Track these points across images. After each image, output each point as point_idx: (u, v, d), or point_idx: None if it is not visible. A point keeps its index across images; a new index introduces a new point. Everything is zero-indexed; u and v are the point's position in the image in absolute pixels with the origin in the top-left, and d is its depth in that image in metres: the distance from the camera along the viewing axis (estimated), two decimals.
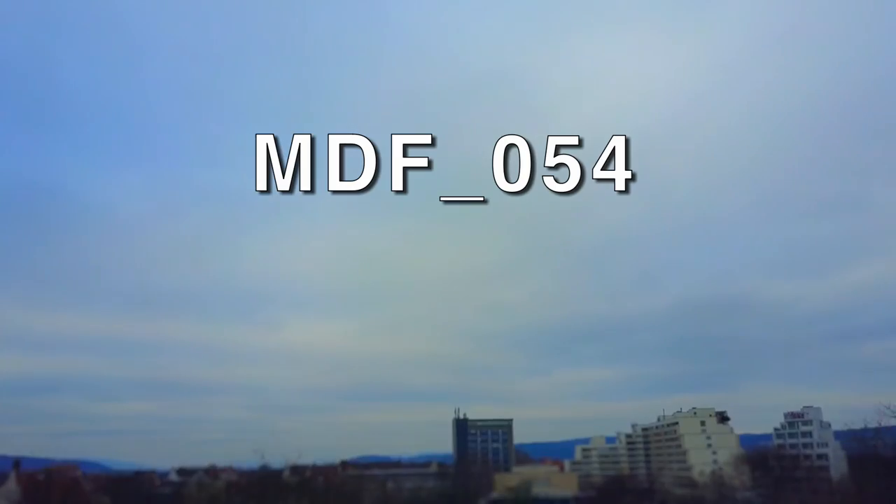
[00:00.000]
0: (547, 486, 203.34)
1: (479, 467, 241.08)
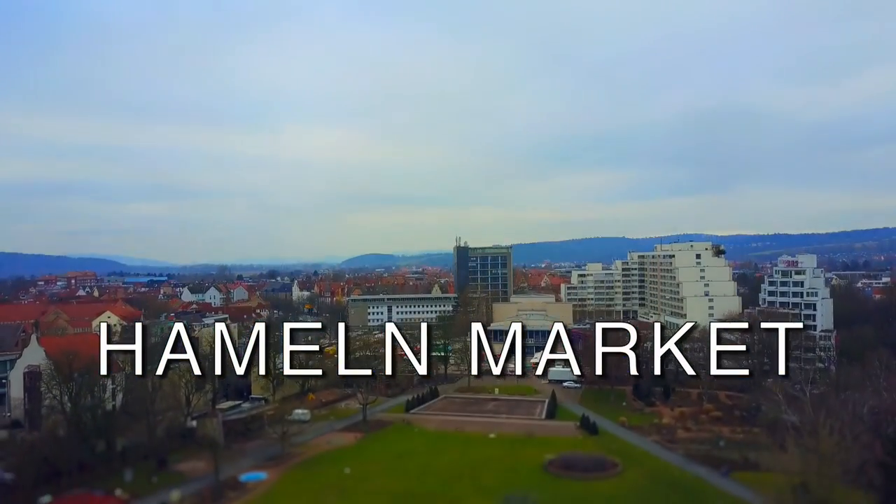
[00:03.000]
0: (543, 317, 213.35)
1: (479, 299, 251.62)
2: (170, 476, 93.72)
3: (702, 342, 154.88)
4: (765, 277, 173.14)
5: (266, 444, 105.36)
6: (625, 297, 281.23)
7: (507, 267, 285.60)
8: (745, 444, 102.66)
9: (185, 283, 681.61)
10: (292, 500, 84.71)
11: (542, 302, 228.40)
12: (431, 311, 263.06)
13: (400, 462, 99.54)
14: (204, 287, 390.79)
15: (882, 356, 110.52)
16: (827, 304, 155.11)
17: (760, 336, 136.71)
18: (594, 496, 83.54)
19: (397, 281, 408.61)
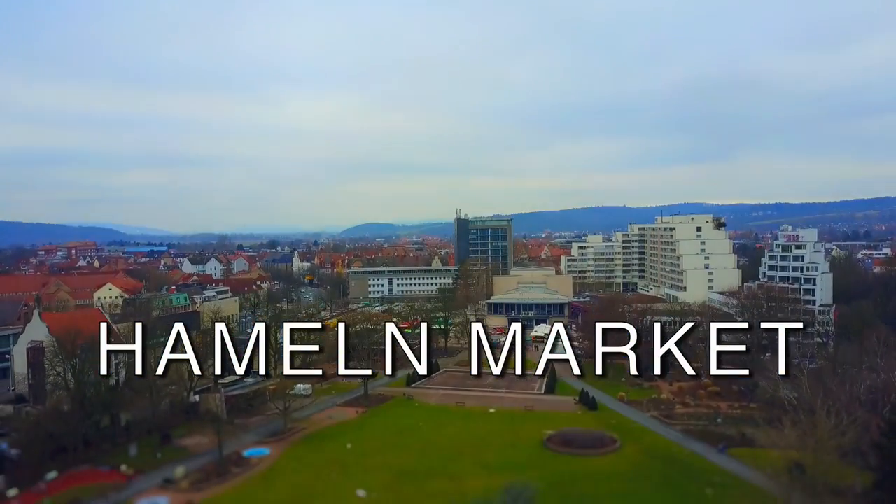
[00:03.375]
0: (543, 290, 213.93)
1: (479, 271, 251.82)
2: (174, 451, 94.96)
3: (701, 315, 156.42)
4: (765, 251, 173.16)
5: (268, 419, 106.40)
6: (625, 270, 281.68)
7: (508, 239, 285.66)
8: (743, 419, 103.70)
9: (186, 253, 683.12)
10: (294, 475, 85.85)
11: (543, 275, 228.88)
12: (432, 284, 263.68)
13: (401, 437, 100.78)
14: (204, 258, 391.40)
15: (880, 333, 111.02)
16: (826, 279, 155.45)
17: (760, 311, 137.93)
18: (593, 472, 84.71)
19: (397, 252, 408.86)
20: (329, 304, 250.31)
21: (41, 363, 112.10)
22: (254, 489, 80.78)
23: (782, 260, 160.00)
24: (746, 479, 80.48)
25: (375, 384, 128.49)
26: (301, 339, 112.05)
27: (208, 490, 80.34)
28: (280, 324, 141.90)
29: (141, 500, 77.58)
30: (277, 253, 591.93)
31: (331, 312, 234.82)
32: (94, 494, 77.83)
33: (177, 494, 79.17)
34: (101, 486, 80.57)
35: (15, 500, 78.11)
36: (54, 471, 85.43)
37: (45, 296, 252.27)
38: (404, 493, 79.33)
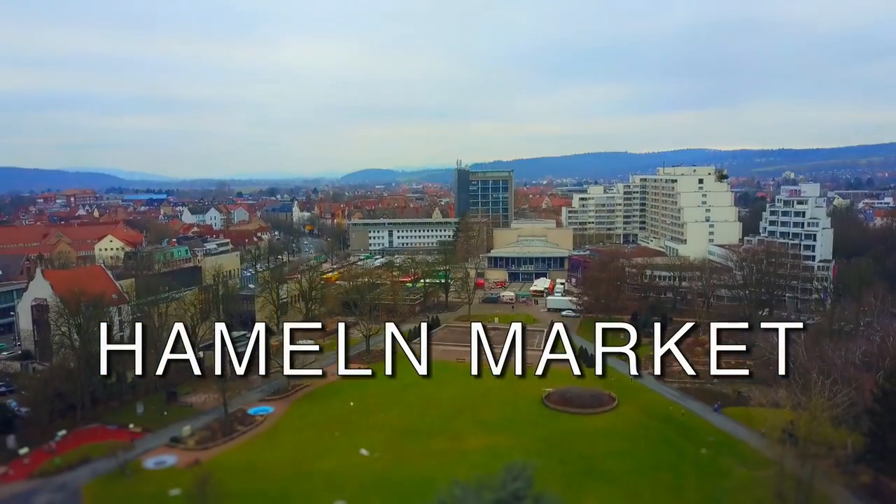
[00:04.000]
0: (543, 243, 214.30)
1: (479, 224, 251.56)
2: (179, 409, 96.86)
3: (700, 271, 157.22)
4: (767, 204, 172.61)
5: (273, 376, 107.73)
6: (625, 221, 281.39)
7: (509, 191, 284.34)
8: (738, 378, 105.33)
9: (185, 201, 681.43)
10: (298, 433, 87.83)
11: (543, 228, 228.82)
12: (432, 236, 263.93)
13: (402, 395, 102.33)
14: (204, 207, 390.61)
15: (878, 291, 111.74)
16: (827, 235, 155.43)
17: (760, 267, 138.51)
18: (591, 431, 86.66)
19: (398, 203, 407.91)
20: (330, 256, 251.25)
21: (46, 321, 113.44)
22: (259, 448, 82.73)
23: (783, 216, 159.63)
24: (741, 439, 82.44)
25: (377, 340, 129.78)
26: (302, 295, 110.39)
27: (214, 448, 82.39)
28: (281, 281, 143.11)
29: (149, 459, 79.58)
30: (277, 201, 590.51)
31: (332, 265, 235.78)
32: (103, 453, 79.63)
33: (184, 453, 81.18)
34: (110, 445, 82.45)
35: (26, 458, 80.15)
36: (63, 429, 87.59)
37: (46, 247, 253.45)
38: (406, 451, 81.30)
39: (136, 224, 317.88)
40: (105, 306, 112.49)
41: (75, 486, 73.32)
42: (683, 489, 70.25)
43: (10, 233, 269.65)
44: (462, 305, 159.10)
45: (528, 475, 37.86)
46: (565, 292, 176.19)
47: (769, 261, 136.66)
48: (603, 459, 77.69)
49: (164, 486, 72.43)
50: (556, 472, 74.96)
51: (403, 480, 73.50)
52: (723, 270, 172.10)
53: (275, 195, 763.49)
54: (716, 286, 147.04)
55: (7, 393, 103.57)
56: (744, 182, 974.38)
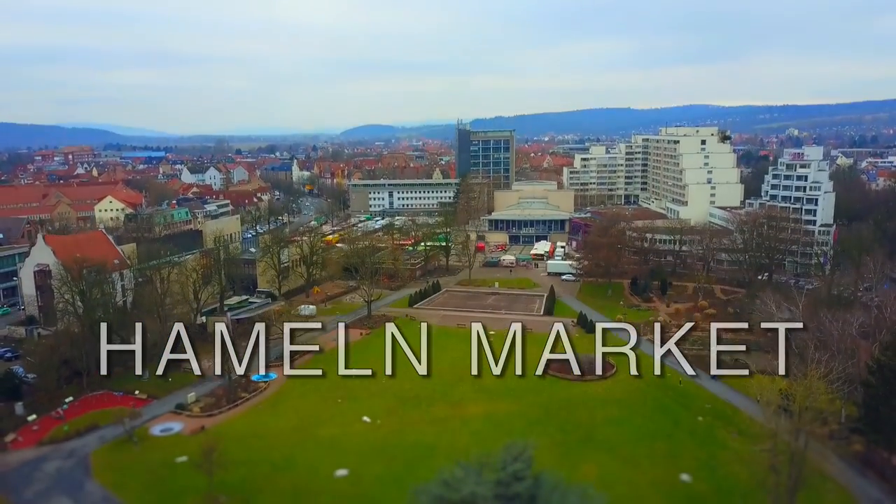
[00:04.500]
0: (544, 205, 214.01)
1: (480, 185, 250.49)
2: (184, 376, 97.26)
3: (700, 235, 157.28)
4: (769, 164, 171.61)
5: (275, 342, 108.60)
6: (627, 182, 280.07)
7: (510, 151, 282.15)
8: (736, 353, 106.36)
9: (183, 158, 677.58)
10: (301, 399, 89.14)
11: (544, 189, 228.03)
12: (432, 198, 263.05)
13: (404, 360, 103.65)
14: (203, 166, 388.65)
15: (878, 258, 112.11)
16: (829, 199, 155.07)
17: (760, 231, 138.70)
18: (589, 398, 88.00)
19: (398, 162, 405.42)
20: (330, 217, 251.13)
21: (49, 286, 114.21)
22: (263, 415, 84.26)
23: (786, 179, 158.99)
24: (737, 407, 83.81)
25: (378, 304, 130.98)
26: (303, 260, 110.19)
27: (219, 416, 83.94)
28: (282, 245, 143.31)
29: (155, 426, 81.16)
30: (276, 160, 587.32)
31: (332, 227, 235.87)
32: (110, 420, 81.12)
33: (189, 420, 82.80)
34: (117, 412, 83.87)
35: (34, 425, 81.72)
36: (70, 396, 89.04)
37: (46, 207, 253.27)
38: (407, 418, 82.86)
39: (136, 184, 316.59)
40: (107, 272, 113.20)
41: (84, 452, 74.95)
42: (680, 457, 71.81)
43: (9, 193, 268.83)
44: (463, 269, 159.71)
45: (527, 456, 38.88)
46: (565, 255, 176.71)
47: (770, 225, 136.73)
48: (601, 427, 79.18)
49: (171, 453, 74.13)
50: (556, 440, 76.65)
51: (405, 447, 75.15)
52: (724, 233, 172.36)
53: (274, 153, 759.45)
54: (716, 250, 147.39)
55: (13, 359, 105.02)
56: (747, 139, 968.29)
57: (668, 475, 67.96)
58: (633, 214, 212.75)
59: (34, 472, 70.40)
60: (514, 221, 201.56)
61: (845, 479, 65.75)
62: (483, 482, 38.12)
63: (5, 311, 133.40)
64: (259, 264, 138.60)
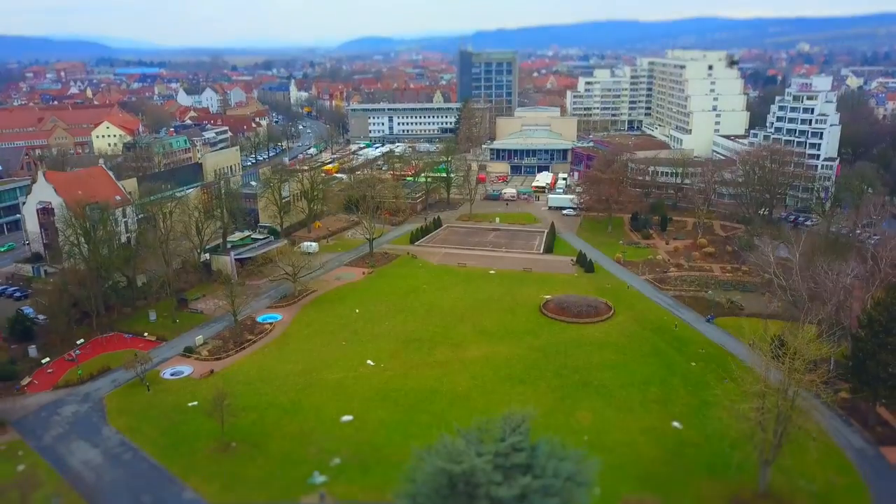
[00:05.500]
0: (547, 133, 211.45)
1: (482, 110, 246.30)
2: (191, 316, 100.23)
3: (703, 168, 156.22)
4: (775, 98, 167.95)
5: (278, 281, 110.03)
6: (631, 107, 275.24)
7: (513, 73, 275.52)
8: (733, 285, 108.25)
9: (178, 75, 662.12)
10: (307, 342, 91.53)
11: (547, 116, 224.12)
12: (433, 123, 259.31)
13: (406, 301, 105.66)
14: (199, 87, 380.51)
15: (878, 198, 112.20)
16: (834, 132, 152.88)
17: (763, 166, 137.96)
18: (586, 341, 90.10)
19: (398, 82, 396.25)
20: (329, 144, 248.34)
21: (52, 223, 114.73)
22: (269, 358, 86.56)
23: (792, 111, 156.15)
24: (730, 351, 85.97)
25: (380, 241, 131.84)
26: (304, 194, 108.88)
27: (227, 359, 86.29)
28: (283, 178, 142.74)
29: (166, 370, 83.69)
30: (274, 78, 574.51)
31: (331, 154, 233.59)
32: (121, 363, 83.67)
33: (198, 363, 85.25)
34: (127, 354, 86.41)
35: (49, 368, 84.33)
36: (81, 338, 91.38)
37: (42, 133, 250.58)
38: (410, 361, 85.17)
39: (131, 107, 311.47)
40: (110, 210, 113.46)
41: (98, 396, 77.75)
42: (672, 403, 74.45)
43: (4, 117, 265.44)
44: (464, 203, 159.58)
45: (525, 428, 40.59)
46: (567, 188, 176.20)
47: (773, 159, 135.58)
48: (597, 372, 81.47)
49: (182, 397, 76.86)
50: (553, 384, 79.23)
51: (408, 391, 77.71)
52: (726, 163, 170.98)
53: (271, 69, 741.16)
54: (717, 184, 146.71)
55: (22, 297, 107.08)
56: (756, 55, 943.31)
57: (661, 422, 70.75)
58: (635, 144, 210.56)
59: (52, 417, 73.31)
60: (516, 151, 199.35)
61: (831, 428, 68.65)
62: (484, 453, 39.84)
63: (10, 245, 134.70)
64: (260, 200, 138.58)
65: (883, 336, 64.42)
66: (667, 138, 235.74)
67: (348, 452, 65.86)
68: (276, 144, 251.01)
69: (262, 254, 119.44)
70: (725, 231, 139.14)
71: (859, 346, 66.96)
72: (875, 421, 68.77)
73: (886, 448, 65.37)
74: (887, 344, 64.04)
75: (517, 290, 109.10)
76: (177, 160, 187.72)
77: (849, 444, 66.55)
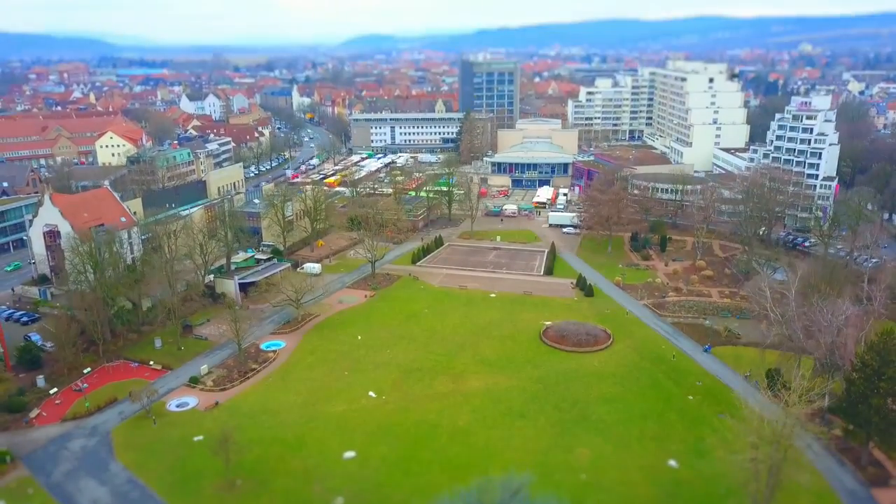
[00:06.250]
0: (548, 146, 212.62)
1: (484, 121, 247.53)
2: (195, 343, 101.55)
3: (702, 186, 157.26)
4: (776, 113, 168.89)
5: (281, 305, 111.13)
6: (632, 117, 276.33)
7: (514, 83, 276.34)
8: (730, 311, 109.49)
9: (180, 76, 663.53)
10: (309, 371, 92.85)
11: (548, 129, 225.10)
12: (435, 133, 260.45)
13: (407, 326, 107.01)
14: (202, 93, 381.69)
15: (875, 227, 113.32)
16: (833, 151, 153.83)
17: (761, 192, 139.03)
18: (585, 372, 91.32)
19: (400, 89, 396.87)
20: (332, 154, 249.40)
21: (58, 246, 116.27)
22: (273, 389, 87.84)
23: (791, 130, 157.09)
24: (726, 384, 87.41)
25: (382, 262, 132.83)
26: (306, 212, 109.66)
27: (231, 389, 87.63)
28: (287, 198, 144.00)
29: (171, 401, 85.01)
30: (275, 80, 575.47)
31: (334, 165, 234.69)
32: (128, 393, 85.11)
33: (203, 394, 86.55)
34: (133, 384, 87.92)
35: (57, 398, 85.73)
36: (88, 367, 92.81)
37: (47, 142, 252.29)
38: (411, 393, 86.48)
39: (134, 114, 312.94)
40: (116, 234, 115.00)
41: (105, 429, 79.06)
42: (669, 440, 75.68)
43: (9, 125, 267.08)
44: (465, 219, 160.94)
45: (524, 495, 41.88)
46: (567, 203, 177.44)
47: (771, 186, 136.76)
48: (595, 406, 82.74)
49: (188, 431, 78.18)
50: (552, 419, 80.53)
51: (409, 426, 78.97)
52: (726, 179, 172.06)
53: (273, 70, 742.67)
54: (717, 202, 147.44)
55: (29, 322, 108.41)
56: (757, 56, 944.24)
57: (657, 460, 72.01)
58: (635, 158, 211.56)
59: (60, 452, 74.73)
60: (517, 164, 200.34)
61: (824, 468, 70.06)
62: None
63: (17, 265, 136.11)
64: (263, 221, 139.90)
65: (875, 381, 65.67)
66: (667, 149, 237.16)
67: (351, 491, 67.26)
68: (279, 154, 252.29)
69: (266, 278, 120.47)
70: (724, 251, 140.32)
71: (852, 389, 68.18)
72: (868, 461, 70.03)
73: (878, 489, 66.75)
74: (879, 388, 65.32)
75: (517, 315, 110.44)
76: (180, 173, 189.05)
77: (841, 486, 67.84)
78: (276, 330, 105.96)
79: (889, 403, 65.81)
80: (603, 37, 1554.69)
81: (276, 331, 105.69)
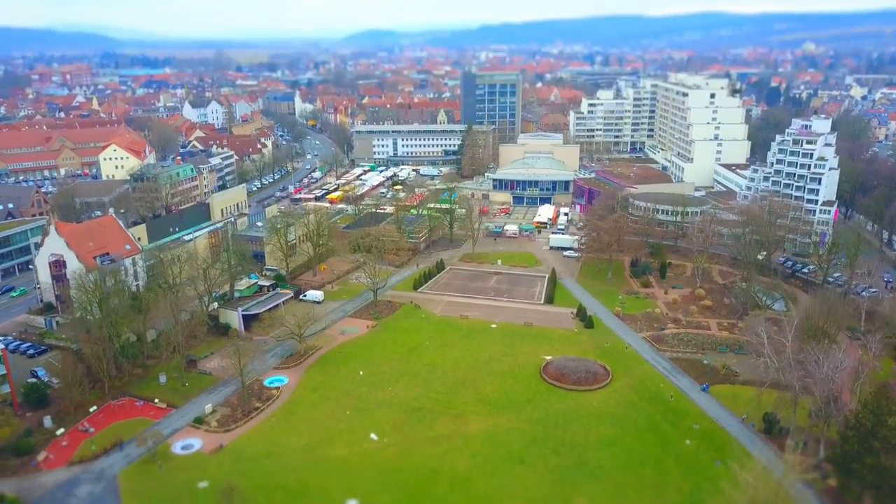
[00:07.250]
0: (549, 162, 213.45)
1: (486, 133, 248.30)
2: (199, 378, 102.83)
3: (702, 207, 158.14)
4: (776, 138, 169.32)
5: (284, 336, 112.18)
6: (633, 129, 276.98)
7: (516, 95, 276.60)
8: (728, 346, 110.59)
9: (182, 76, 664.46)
10: (312, 409, 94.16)
11: (550, 144, 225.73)
12: (437, 145, 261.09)
13: (409, 361, 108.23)
14: (205, 99, 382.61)
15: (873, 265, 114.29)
16: (832, 175, 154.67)
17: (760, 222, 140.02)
18: (584, 413, 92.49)
19: (402, 95, 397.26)
20: (334, 166, 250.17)
21: (64, 274, 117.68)
22: (276, 430, 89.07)
23: (791, 154, 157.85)
24: (723, 427, 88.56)
25: (384, 290, 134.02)
26: (309, 237, 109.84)
27: (235, 430, 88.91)
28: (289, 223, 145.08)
29: (176, 443, 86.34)
30: (277, 82, 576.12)
31: (336, 179, 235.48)
32: (134, 433, 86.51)
33: (208, 435, 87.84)
34: (139, 423, 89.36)
35: (63, 440, 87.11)
36: (94, 405, 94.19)
37: (51, 153, 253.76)
38: (412, 435, 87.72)
39: (137, 122, 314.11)
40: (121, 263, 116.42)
41: (112, 473, 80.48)
42: (665, 489, 76.93)
43: (13, 137, 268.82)
44: (467, 239, 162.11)
45: None
46: (568, 223, 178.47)
47: (770, 220, 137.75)
48: (594, 450, 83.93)
49: (193, 475, 79.51)
50: (551, 464, 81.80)
51: (410, 472, 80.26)
52: (726, 196, 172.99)
53: (275, 70, 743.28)
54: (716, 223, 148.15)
55: (35, 355, 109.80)
56: (760, 55, 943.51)
57: None
58: (636, 175, 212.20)
59: (68, 498, 76.10)
60: (519, 181, 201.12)
61: None
62: None
63: (22, 291, 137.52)
64: (266, 246, 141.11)
65: (869, 440, 66.85)
66: (668, 163, 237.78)
67: None
68: (282, 167, 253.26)
69: (269, 309, 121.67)
70: (724, 278, 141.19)
71: (846, 448, 69.35)
72: None
73: None
74: (873, 448, 66.51)
75: (518, 348, 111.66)
76: (183, 189, 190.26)
77: None
78: (279, 365, 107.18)
79: (883, 461, 67.08)
80: (605, 33, 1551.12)
81: (279, 365, 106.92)
